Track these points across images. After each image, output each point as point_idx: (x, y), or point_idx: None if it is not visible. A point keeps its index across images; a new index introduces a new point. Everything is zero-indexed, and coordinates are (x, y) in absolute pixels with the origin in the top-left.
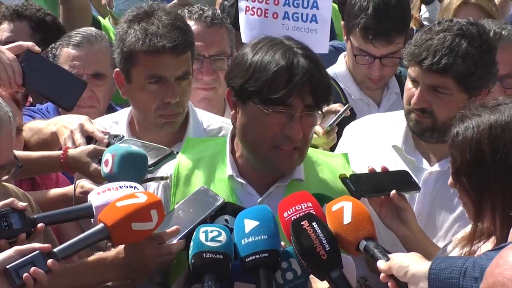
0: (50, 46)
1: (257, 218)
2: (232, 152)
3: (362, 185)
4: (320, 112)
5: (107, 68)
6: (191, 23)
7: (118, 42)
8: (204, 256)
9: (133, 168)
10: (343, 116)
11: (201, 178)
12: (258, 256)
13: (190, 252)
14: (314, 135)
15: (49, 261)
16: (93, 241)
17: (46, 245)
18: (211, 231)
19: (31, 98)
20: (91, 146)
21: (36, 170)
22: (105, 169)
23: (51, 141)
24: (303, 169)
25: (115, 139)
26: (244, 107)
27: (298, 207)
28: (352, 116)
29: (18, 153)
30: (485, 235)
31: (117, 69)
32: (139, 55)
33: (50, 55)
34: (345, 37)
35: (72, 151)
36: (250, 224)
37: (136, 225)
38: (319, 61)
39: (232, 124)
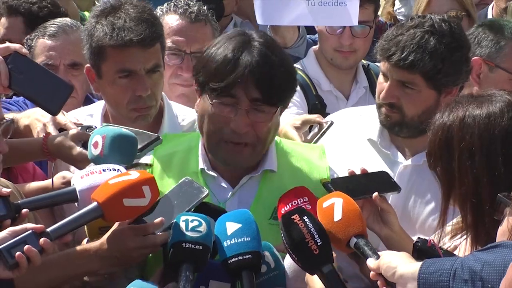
0: (26, 38)
1: (239, 221)
2: (205, 145)
3: (344, 188)
4: (273, 107)
5: (83, 57)
6: (175, 17)
7: (87, 37)
8: (184, 246)
9: (124, 150)
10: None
11: (175, 172)
12: (241, 258)
13: (169, 240)
14: None
15: (42, 239)
16: (87, 219)
17: (39, 225)
18: (192, 221)
19: None
20: (75, 130)
21: (16, 157)
22: (94, 151)
23: (24, 134)
24: (276, 159)
25: (87, 130)
26: (201, 99)
27: (295, 202)
28: (321, 107)
29: None
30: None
31: (87, 65)
32: (107, 49)
33: (25, 46)
34: None
35: (53, 136)
36: (232, 227)
37: (128, 201)
38: (276, 56)
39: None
